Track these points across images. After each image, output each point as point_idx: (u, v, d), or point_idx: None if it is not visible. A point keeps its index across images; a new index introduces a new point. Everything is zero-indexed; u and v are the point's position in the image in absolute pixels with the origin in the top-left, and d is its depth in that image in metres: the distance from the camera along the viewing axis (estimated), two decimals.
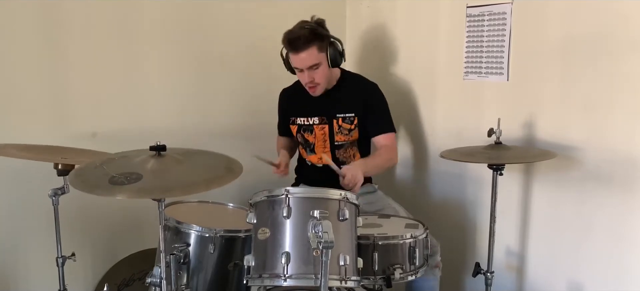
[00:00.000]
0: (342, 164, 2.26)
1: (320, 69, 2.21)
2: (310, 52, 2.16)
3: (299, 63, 2.19)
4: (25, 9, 2.17)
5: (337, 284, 1.62)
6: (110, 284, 1.92)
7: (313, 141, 2.37)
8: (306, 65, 2.18)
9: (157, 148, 1.61)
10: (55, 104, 2.29)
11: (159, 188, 1.52)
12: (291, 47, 2.17)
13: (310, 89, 2.27)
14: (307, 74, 2.21)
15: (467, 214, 2.47)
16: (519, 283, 2.29)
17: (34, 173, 2.05)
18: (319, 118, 2.35)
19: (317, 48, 2.17)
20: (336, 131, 2.34)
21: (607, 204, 1.95)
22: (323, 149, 2.37)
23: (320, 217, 1.46)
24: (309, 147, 2.39)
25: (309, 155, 2.41)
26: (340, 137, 2.34)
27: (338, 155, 2.36)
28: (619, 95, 1.88)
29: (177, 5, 2.50)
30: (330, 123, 2.34)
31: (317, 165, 2.40)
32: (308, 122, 2.36)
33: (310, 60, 2.17)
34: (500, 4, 2.20)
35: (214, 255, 1.84)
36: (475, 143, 2.08)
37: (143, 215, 2.01)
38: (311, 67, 2.19)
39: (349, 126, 2.33)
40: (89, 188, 1.48)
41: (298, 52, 2.16)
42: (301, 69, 2.21)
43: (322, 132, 2.35)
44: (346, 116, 2.32)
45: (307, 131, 2.38)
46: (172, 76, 2.55)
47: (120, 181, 1.48)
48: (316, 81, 2.23)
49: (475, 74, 2.34)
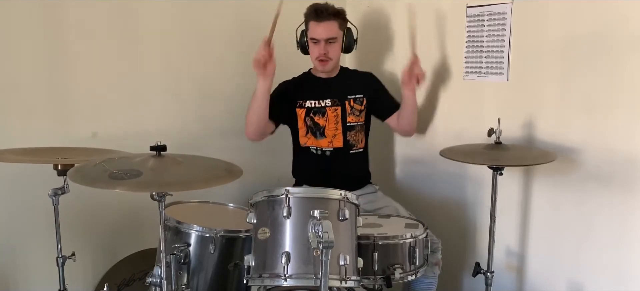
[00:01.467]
0: (352, 147, 2.40)
1: (335, 45, 2.32)
2: (331, 25, 2.29)
3: (319, 33, 2.29)
4: (25, 9, 2.17)
5: (337, 284, 1.63)
6: (110, 284, 1.92)
7: (324, 123, 2.38)
8: (326, 36, 2.29)
9: (157, 148, 1.61)
10: (55, 105, 2.28)
11: (159, 183, 1.53)
12: (316, 16, 2.29)
13: (322, 63, 2.33)
14: (323, 45, 2.29)
15: (467, 214, 2.47)
16: (519, 283, 2.29)
17: (34, 173, 2.04)
18: (332, 100, 2.39)
19: (338, 25, 2.31)
20: (348, 112, 2.39)
21: (607, 205, 1.95)
22: (335, 131, 2.39)
23: (320, 217, 1.46)
24: (319, 130, 2.39)
25: (319, 139, 2.40)
26: (352, 118, 2.40)
27: (349, 137, 2.40)
28: (619, 95, 1.88)
29: (177, 5, 2.50)
30: (342, 105, 2.39)
31: (325, 150, 2.39)
32: (320, 104, 2.38)
33: (330, 32, 2.29)
34: (500, 4, 2.20)
35: (214, 255, 1.84)
36: (475, 143, 2.08)
37: (143, 215, 2.01)
38: (328, 40, 2.29)
39: (359, 107, 2.40)
40: (88, 182, 1.48)
41: (321, 21, 2.28)
42: (319, 39, 2.29)
43: (335, 114, 2.38)
44: (357, 97, 2.41)
45: (318, 114, 2.38)
46: (172, 76, 2.55)
47: (120, 176, 1.49)
48: (329, 56, 2.31)
49: (475, 74, 2.34)
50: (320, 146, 2.41)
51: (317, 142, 2.41)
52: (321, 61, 2.33)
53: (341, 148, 2.40)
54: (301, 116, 2.41)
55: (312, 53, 2.35)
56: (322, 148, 2.41)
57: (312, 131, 2.41)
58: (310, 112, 2.39)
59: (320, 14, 2.29)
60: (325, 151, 2.40)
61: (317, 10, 2.30)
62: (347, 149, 2.41)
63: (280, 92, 2.43)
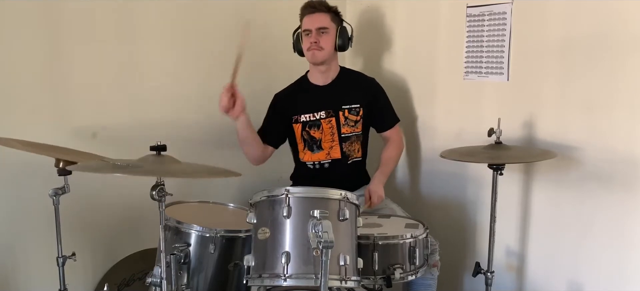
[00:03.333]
0: (348, 158, 2.38)
1: (327, 36, 2.31)
2: (323, 16, 2.31)
3: (311, 23, 2.30)
4: (26, 8, 2.17)
5: (337, 284, 1.62)
6: (110, 284, 1.93)
7: (320, 136, 2.37)
8: (317, 25, 2.29)
9: (157, 148, 1.61)
10: (56, 104, 2.28)
11: (162, 170, 1.55)
12: (308, 8, 2.32)
13: (313, 52, 2.31)
14: (314, 34, 2.29)
15: (467, 214, 2.47)
16: (519, 283, 2.29)
17: (35, 172, 2.05)
18: (325, 112, 2.36)
19: (330, 18, 2.33)
20: (343, 122, 2.37)
21: (607, 204, 1.95)
22: (331, 143, 2.37)
23: (320, 217, 1.46)
24: (316, 143, 2.38)
25: (316, 153, 2.39)
26: (347, 129, 2.37)
27: (345, 148, 2.38)
28: (619, 95, 1.88)
29: (177, 5, 2.50)
30: (336, 115, 2.36)
31: (324, 163, 2.39)
32: (314, 117, 2.37)
33: (322, 22, 2.30)
34: (500, 4, 2.20)
35: (214, 255, 1.84)
36: (475, 143, 2.08)
37: (143, 215, 2.01)
38: (320, 29, 2.29)
39: (355, 118, 2.37)
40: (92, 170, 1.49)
41: (313, 12, 2.31)
42: (310, 30, 2.30)
43: (330, 125, 2.36)
44: (352, 107, 2.38)
45: (313, 127, 2.37)
46: (172, 76, 2.54)
47: (123, 165, 1.52)
48: (321, 44, 2.30)
49: (475, 74, 2.34)
50: (317, 159, 2.39)
51: (314, 157, 2.39)
52: (312, 51, 2.30)
53: (339, 159, 2.38)
54: (298, 131, 2.39)
55: (304, 45, 2.33)
56: (320, 161, 2.39)
57: (308, 145, 2.39)
58: (306, 127, 2.38)
59: (312, 5, 2.32)
60: (323, 164, 2.39)
61: (310, 4, 2.33)
62: (345, 159, 2.39)
63: (275, 110, 2.42)
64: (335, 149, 2.37)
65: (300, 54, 2.39)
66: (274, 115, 2.42)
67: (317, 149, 2.39)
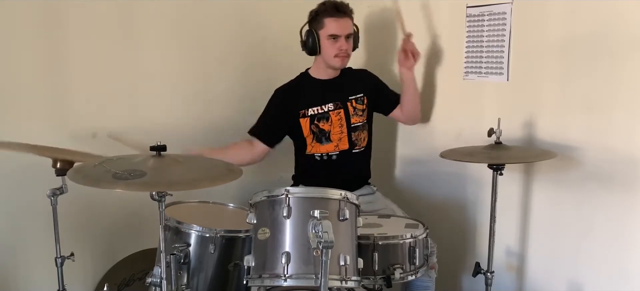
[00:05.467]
0: (355, 146, 2.39)
1: (351, 41, 2.33)
2: (350, 22, 2.31)
3: (340, 29, 2.27)
4: (26, 8, 2.17)
5: (337, 284, 1.62)
6: (110, 284, 1.92)
7: (329, 128, 2.37)
8: (347, 32, 2.28)
9: (157, 148, 1.61)
10: (55, 104, 2.28)
11: (164, 182, 1.53)
12: (337, 11, 2.26)
13: (341, 59, 2.31)
14: (344, 40, 2.28)
15: (467, 214, 2.47)
16: (519, 283, 2.29)
17: (33, 173, 2.04)
18: (334, 104, 2.37)
19: (352, 22, 2.33)
20: (351, 113, 2.38)
21: (607, 204, 1.95)
22: (340, 135, 2.37)
23: (320, 217, 1.46)
24: (325, 136, 2.38)
25: (324, 144, 2.38)
26: (356, 119, 2.39)
27: (354, 137, 2.39)
28: (619, 95, 1.88)
29: (177, 5, 2.50)
30: (345, 107, 2.37)
31: (332, 155, 2.38)
32: (322, 110, 2.36)
33: (350, 28, 2.30)
34: (500, 4, 2.20)
35: (214, 255, 1.84)
36: (475, 143, 2.08)
37: (143, 215, 2.01)
38: (348, 36, 2.29)
39: (361, 107, 2.40)
40: (92, 182, 1.46)
41: (341, 17, 2.27)
42: (339, 35, 2.27)
43: (339, 117, 2.37)
44: (358, 97, 2.40)
45: (322, 120, 2.37)
46: (172, 76, 2.54)
47: (124, 176, 1.47)
48: (348, 52, 2.32)
49: (475, 74, 2.34)
50: (326, 151, 2.39)
51: (323, 148, 2.39)
52: (341, 58, 2.30)
53: (347, 150, 2.39)
54: (306, 125, 2.36)
55: (330, 50, 2.28)
56: (329, 153, 2.39)
57: (317, 137, 2.38)
58: (314, 120, 2.36)
59: (340, 8, 2.27)
60: (331, 156, 2.39)
61: (337, 6, 2.27)
62: (351, 148, 2.40)
63: (278, 105, 2.38)
64: (343, 140, 2.38)
65: (310, 53, 2.35)
66: (277, 111, 2.38)
67: (325, 141, 2.38)
